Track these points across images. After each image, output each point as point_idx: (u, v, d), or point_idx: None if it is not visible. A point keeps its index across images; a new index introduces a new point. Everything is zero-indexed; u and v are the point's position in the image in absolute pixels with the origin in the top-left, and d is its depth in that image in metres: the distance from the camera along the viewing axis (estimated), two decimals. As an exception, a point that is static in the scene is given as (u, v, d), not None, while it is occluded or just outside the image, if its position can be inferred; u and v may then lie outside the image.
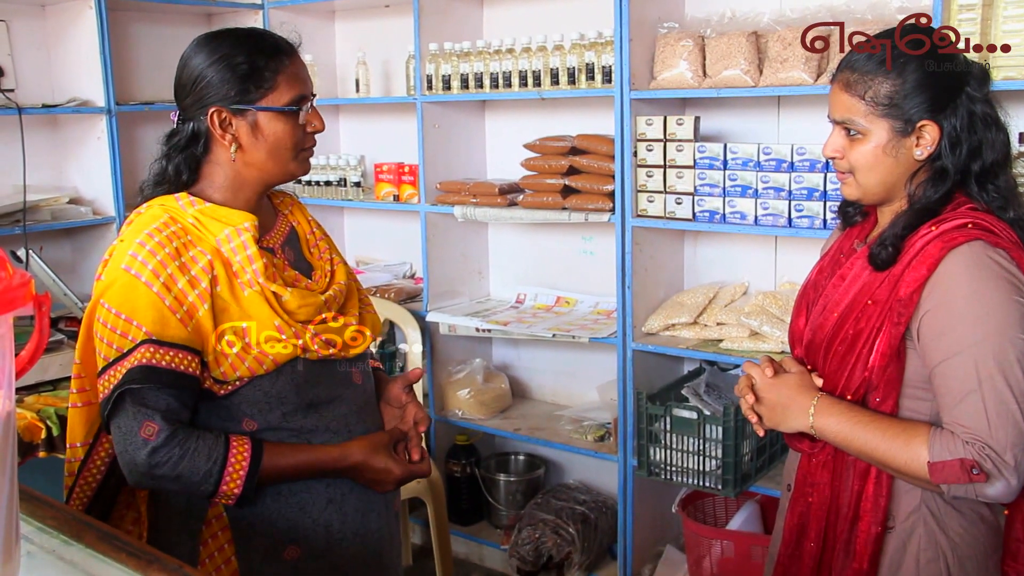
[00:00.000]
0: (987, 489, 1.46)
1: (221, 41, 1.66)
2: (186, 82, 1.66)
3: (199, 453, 1.55)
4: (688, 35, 2.93)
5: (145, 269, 1.56)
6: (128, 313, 1.55)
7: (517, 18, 3.59)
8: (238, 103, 1.63)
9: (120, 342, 1.55)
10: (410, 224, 3.85)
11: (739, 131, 3.16)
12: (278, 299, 1.64)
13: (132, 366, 1.53)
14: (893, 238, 1.58)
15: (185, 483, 1.56)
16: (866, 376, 1.60)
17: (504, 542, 3.57)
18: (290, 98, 1.66)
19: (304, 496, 1.68)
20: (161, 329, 1.54)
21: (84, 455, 1.71)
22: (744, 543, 2.92)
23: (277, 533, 1.66)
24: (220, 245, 1.62)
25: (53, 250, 3.57)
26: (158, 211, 1.64)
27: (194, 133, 1.66)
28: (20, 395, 2.61)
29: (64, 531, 1.23)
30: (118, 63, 3.64)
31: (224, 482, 1.56)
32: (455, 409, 3.64)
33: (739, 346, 2.94)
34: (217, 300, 1.59)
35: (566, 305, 3.63)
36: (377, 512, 1.77)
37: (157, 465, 1.54)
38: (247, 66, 1.62)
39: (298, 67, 1.69)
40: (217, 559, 1.66)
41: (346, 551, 1.72)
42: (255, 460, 1.58)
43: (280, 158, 1.68)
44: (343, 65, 4.09)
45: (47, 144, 3.71)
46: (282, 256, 1.74)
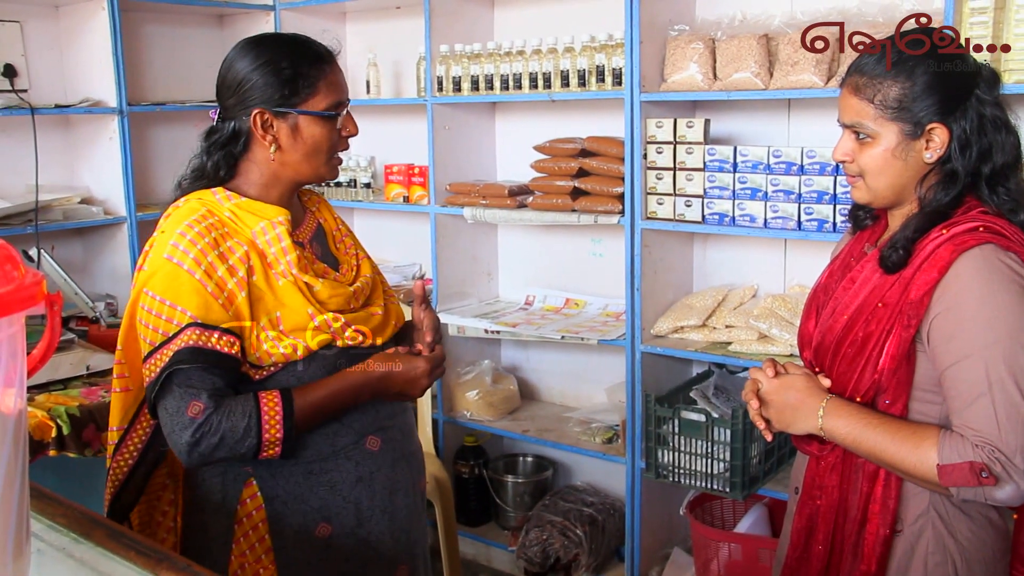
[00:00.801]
0: (996, 492, 1.45)
1: (266, 46, 1.74)
2: (231, 83, 1.74)
3: (234, 412, 1.61)
4: (698, 37, 2.92)
5: (187, 258, 1.63)
6: (172, 299, 1.62)
7: (528, 20, 3.60)
8: (281, 106, 1.71)
9: (166, 327, 1.62)
10: (420, 225, 3.86)
11: (749, 134, 3.15)
12: (310, 289, 1.72)
13: (180, 347, 1.60)
14: (904, 241, 1.58)
15: (230, 445, 1.61)
16: (876, 379, 1.60)
17: (512, 543, 3.57)
18: (329, 103, 1.74)
19: (334, 475, 1.75)
20: (205, 313, 1.62)
21: (119, 439, 1.79)
22: (752, 546, 2.91)
23: (309, 511, 1.74)
24: (255, 237, 1.71)
25: (65, 250, 3.58)
26: (196, 204, 1.72)
27: (235, 132, 1.74)
28: (31, 394, 2.62)
29: (74, 529, 1.23)
30: (130, 64, 3.65)
31: (264, 430, 1.62)
32: (463, 410, 3.65)
33: (748, 349, 2.94)
34: (253, 289, 1.67)
35: (575, 307, 3.63)
36: (404, 491, 1.85)
37: (202, 437, 1.60)
38: (291, 71, 1.71)
39: (337, 74, 1.78)
40: (251, 537, 1.73)
41: (375, 528, 1.79)
42: (287, 402, 1.64)
43: (315, 160, 1.77)
44: (354, 66, 4.10)
45: (59, 144, 3.73)
46: (310, 250, 1.82)
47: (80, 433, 2.52)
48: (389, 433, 1.82)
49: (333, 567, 1.77)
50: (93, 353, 2.83)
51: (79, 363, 2.79)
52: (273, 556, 1.73)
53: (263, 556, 1.73)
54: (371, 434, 1.79)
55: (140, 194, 3.65)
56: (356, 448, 1.77)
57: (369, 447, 1.79)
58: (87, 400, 2.60)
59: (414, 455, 1.91)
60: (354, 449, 1.77)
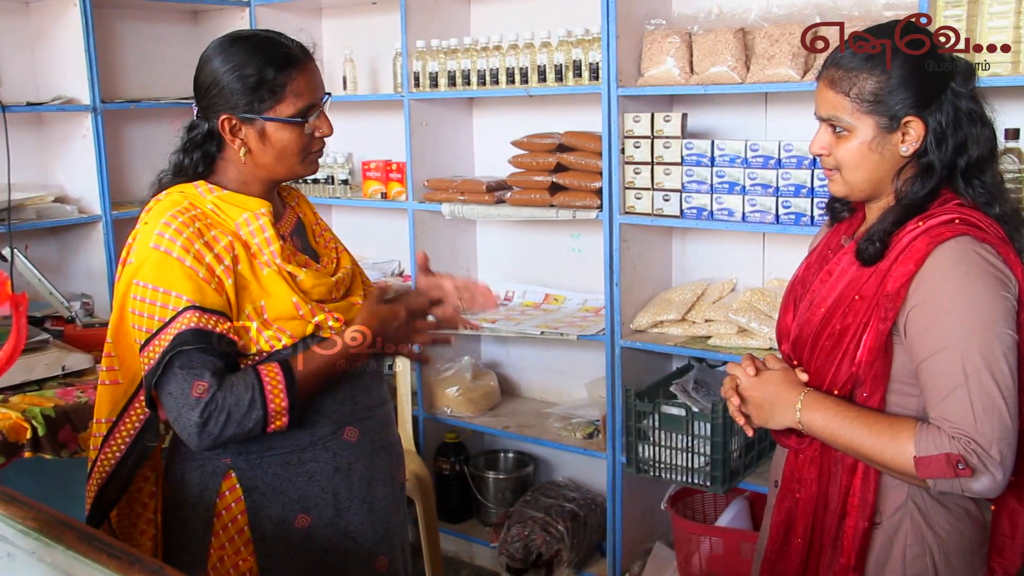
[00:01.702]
0: (973, 484, 1.46)
1: (237, 48, 1.73)
2: (201, 85, 1.75)
3: (237, 386, 1.62)
4: (675, 32, 2.92)
5: (175, 245, 1.64)
6: (166, 286, 1.63)
7: (504, 15, 3.58)
8: (247, 112, 1.71)
9: (161, 312, 1.62)
10: (398, 222, 3.84)
11: (726, 128, 3.15)
12: (294, 278, 1.73)
13: (181, 330, 1.60)
14: (881, 233, 1.59)
15: (237, 419, 1.61)
16: (853, 371, 1.60)
17: (493, 540, 3.56)
18: (297, 109, 1.73)
19: (312, 465, 1.76)
20: (201, 297, 1.63)
21: (107, 431, 1.79)
22: (733, 539, 2.92)
23: (288, 502, 1.75)
24: (239, 228, 1.72)
25: (39, 249, 3.54)
26: (178, 197, 1.73)
27: (209, 131, 1.75)
28: (5, 395, 2.60)
29: (44, 532, 1.22)
30: (103, 61, 3.62)
31: (269, 400, 1.63)
32: (444, 407, 3.63)
33: (727, 343, 2.94)
34: (239, 278, 1.69)
35: (554, 302, 3.62)
36: (383, 481, 1.86)
37: (210, 416, 1.60)
38: (256, 78, 1.69)
39: (309, 76, 1.76)
40: (231, 530, 1.74)
41: (354, 518, 1.81)
42: (288, 371, 1.65)
43: (287, 162, 1.77)
44: (330, 62, 4.07)
45: (32, 142, 3.69)
46: (291, 243, 1.83)
47: (56, 434, 2.49)
48: (367, 424, 1.83)
49: (313, 558, 1.78)
50: (69, 353, 2.80)
51: (54, 363, 2.76)
52: (252, 548, 1.74)
53: (242, 548, 1.74)
54: (349, 425, 1.80)
55: (115, 192, 3.61)
56: (334, 439, 1.78)
57: (347, 438, 1.80)
58: (63, 401, 2.57)
59: (393, 447, 1.92)
60: (332, 439, 1.78)
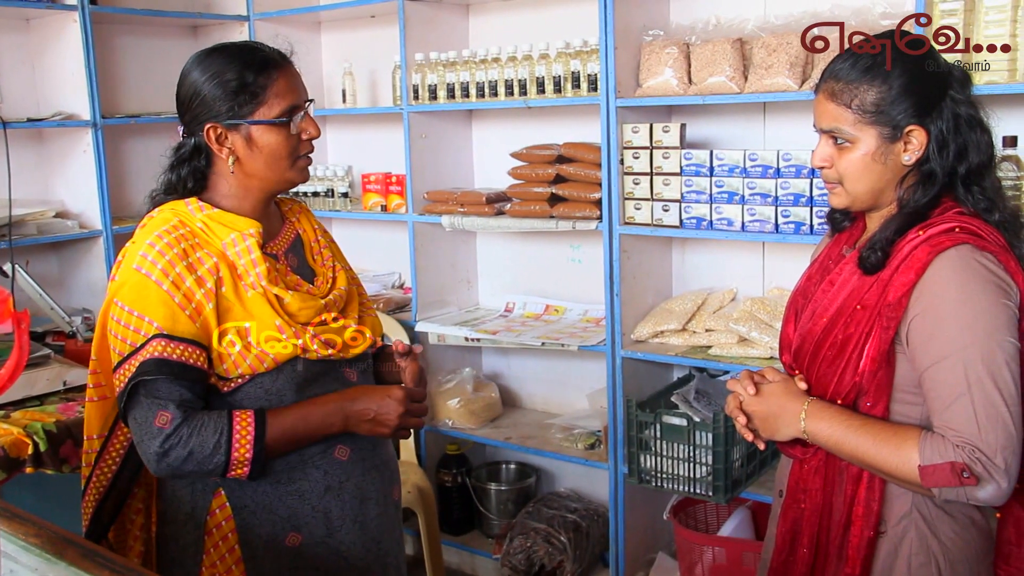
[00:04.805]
0: (978, 492, 1.46)
1: (214, 58, 1.74)
2: (183, 100, 1.75)
3: (206, 428, 1.62)
4: (673, 42, 2.93)
5: (155, 268, 1.64)
6: (140, 310, 1.63)
7: (503, 27, 3.59)
8: (231, 118, 1.71)
9: (133, 337, 1.63)
10: (398, 234, 3.85)
11: (725, 138, 3.16)
12: (280, 301, 1.72)
13: (145, 359, 1.61)
14: (883, 242, 1.59)
15: (199, 459, 1.62)
16: (856, 381, 1.60)
17: (496, 551, 3.56)
18: (281, 110, 1.72)
19: (303, 484, 1.75)
20: (172, 325, 1.63)
21: (100, 447, 1.80)
22: (736, 549, 2.91)
23: (278, 521, 1.74)
24: (226, 249, 1.71)
25: (40, 264, 3.54)
26: (168, 215, 1.73)
27: (196, 147, 1.75)
28: (7, 410, 2.60)
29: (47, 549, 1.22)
30: (103, 76, 3.63)
31: (234, 448, 1.63)
32: (445, 419, 3.63)
33: (728, 352, 2.94)
34: (222, 300, 1.68)
35: (555, 313, 3.62)
36: (375, 500, 1.84)
37: (171, 448, 1.61)
38: (236, 82, 1.70)
39: (289, 78, 1.76)
40: (222, 547, 1.74)
41: (345, 537, 1.79)
42: (260, 424, 1.65)
43: (278, 167, 1.75)
44: (329, 76, 4.09)
45: (33, 158, 3.69)
46: (284, 262, 1.82)
47: (57, 449, 2.49)
48: (359, 442, 1.81)
49: None
50: (70, 368, 2.80)
51: (55, 379, 2.76)
52: (243, 567, 1.73)
53: (233, 567, 1.73)
54: (340, 443, 1.79)
55: (116, 207, 3.62)
56: (324, 457, 1.77)
57: (338, 456, 1.79)
58: (64, 416, 2.57)
59: (386, 464, 1.90)
60: (322, 458, 1.77)
